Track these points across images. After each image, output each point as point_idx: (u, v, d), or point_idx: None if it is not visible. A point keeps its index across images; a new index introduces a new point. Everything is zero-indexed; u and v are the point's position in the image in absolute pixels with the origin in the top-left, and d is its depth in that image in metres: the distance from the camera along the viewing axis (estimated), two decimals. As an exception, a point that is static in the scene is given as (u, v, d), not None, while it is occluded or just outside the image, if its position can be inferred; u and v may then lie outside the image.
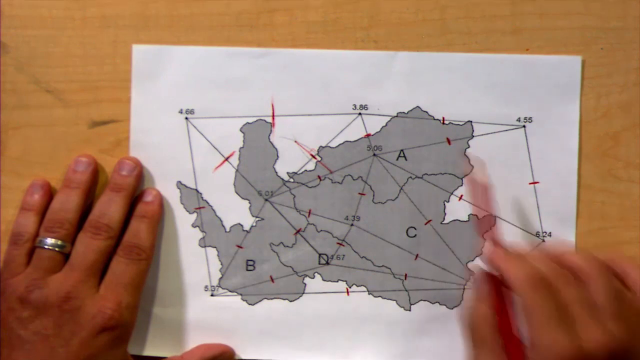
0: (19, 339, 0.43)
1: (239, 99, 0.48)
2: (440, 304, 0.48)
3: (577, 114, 0.47)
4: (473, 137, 0.48)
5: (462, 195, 0.48)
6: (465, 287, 0.48)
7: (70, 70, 0.48)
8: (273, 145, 0.48)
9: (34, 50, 0.48)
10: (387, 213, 0.48)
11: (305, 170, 0.48)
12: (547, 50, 0.47)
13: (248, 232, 0.48)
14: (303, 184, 0.48)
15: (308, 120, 0.48)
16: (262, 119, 0.48)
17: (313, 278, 0.48)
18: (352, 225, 0.48)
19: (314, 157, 0.48)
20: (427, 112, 0.48)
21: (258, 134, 0.48)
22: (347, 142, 0.48)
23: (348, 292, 0.48)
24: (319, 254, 0.48)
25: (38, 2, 0.48)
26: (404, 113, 0.48)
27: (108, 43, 0.48)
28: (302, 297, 0.48)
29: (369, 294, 0.48)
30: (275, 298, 0.48)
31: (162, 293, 0.48)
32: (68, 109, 0.48)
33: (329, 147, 0.48)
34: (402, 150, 0.48)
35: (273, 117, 0.48)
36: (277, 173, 0.48)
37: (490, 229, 0.45)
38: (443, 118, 0.48)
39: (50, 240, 0.45)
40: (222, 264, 0.48)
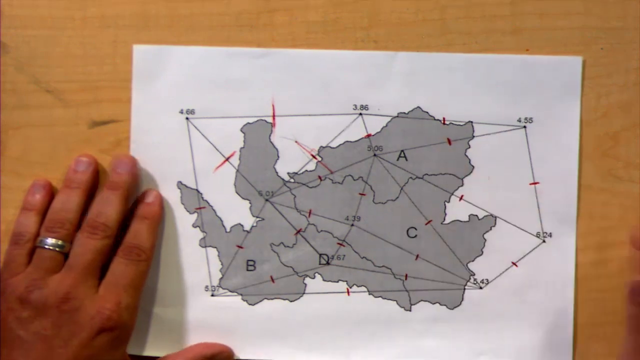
0: (19, 339, 0.43)
1: (240, 99, 0.48)
2: (441, 305, 0.48)
3: (577, 114, 0.47)
4: (474, 137, 0.48)
5: (462, 196, 0.48)
6: (466, 287, 0.48)
7: (70, 70, 0.48)
8: (273, 146, 0.48)
9: (34, 50, 0.48)
10: (387, 213, 0.48)
11: (306, 171, 0.48)
12: (547, 51, 0.47)
13: (248, 232, 0.48)
14: (303, 184, 0.48)
15: (308, 121, 0.48)
16: (262, 119, 0.48)
17: (313, 278, 0.48)
18: (352, 226, 0.48)
19: (315, 157, 0.48)
20: (427, 112, 0.48)
21: (258, 134, 0.48)
22: (347, 142, 0.48)
23: (348, 292, 0.48)
24: (320, 254, 0.48)
25: (38, 2, 0.48)
26: (405, 113, 0.48)
27: (108, 43, 0.48)
28: (302, 297, 0.48)
29: (370, 294, 0.48)
30: (276, 298, 0.48)
31: (162, 293, 0.48)
32: (68, 109, 0.48)
33: (330, 147, 0.48)
34: (402, 151, 0.48)
35: (273, 117, 0.48)
36: (277, 173, 0.48)
37: None
38: (444, 118, 0.48)
39: (51, 240, 0.45)
40: (222, 264, 0.48)
